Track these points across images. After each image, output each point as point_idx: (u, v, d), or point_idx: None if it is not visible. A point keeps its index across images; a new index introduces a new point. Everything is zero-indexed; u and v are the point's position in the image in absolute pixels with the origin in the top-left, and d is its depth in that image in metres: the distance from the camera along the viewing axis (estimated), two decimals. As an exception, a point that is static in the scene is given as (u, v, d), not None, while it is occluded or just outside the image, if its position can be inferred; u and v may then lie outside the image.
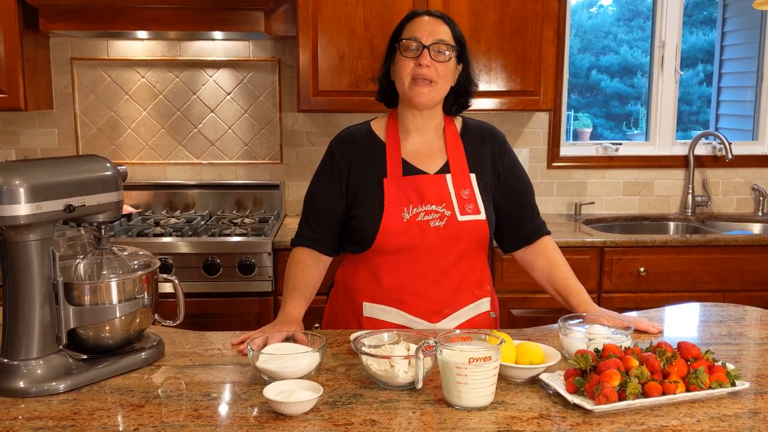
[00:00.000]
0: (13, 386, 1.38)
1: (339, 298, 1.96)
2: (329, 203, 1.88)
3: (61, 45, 3.38)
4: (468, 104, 1.93)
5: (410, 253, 1.81)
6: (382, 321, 1.84)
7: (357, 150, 1.88)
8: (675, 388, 1.33)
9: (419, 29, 1.80)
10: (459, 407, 1.33)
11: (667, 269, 3.02)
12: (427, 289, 1.82)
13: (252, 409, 1.33)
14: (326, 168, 1.91)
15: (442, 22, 1.83)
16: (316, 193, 1.92)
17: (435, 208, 1.81)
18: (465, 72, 1.89)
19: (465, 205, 1.83)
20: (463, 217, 1.81)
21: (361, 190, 1.84)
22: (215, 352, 1.63)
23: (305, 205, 1.94)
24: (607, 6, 7.73)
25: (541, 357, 1.46)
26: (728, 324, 1.84)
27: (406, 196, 1.81)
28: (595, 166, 3.63)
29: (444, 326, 1.83)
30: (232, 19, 3.01)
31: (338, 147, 1.91)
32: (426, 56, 1.77)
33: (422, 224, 1.80)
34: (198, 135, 3.47)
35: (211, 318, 2.85)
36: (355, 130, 1.94)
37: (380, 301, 1.84)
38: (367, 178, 1.85)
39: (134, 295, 1.51)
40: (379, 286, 1.84)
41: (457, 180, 1.85)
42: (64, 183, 1.42)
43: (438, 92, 1.82)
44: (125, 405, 1.35)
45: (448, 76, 1.83)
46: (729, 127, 3.99)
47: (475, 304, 1.88)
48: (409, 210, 1.81)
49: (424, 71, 1.77)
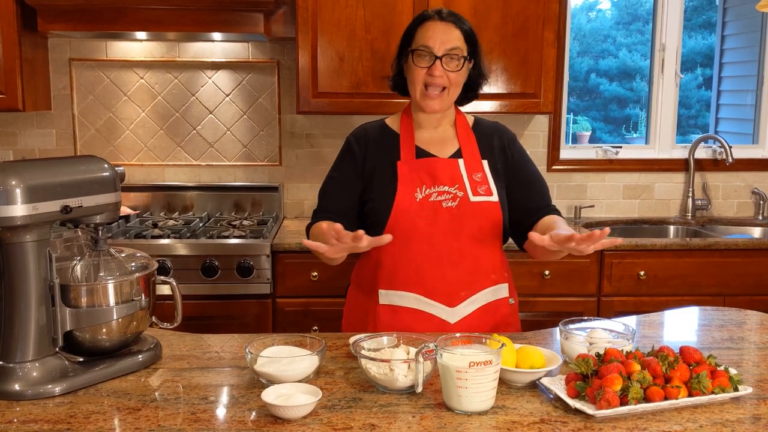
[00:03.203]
0: (8, 389, 1.37)
1: (356, 293, 1.98)
2: (344, 192, 1.92)
3: (60, 46, 3.37)
4: (477, 95, 1.99)
5: (424, 235, 1.83)
6: (399, 307, 1.84)
7: (372, 141, 1.94)
8: (677, 393, 1.32)
9: (431, 37, 1.84)
10: (459, 411, 1.31)
11: (668, 273, 3.01)
12: (444, 272, 1.83)
13: (250, 413, 1.32)
14: (343, 159, 1.96)
15: (453, 27, 1.86)
16: (331, 183, 1.96)
17: (447, 189, 1.84)
18: (476, 66, 1.93)
19: (477, 186, 1.86)
20: (475, 198, 1.84)
21: (375, 175, 1.90)
22: (213, 354, 1.62)
23: (320, 197, 1.97)
24: (606, 10, 7.74)
25: (541, 361, 1.46)
26: (729, 328, 1.83)
27: (418, 177, 1.86)
28: (595, 169, 3.62)
29: (462, 310, 1.83)
30: (232, 21, 3.00)
31: (354, 138, 1.97)
32: (438, 67, 1.83)
33: (435, 204, 1.83)
34: (197, 136, 3.46)
35: (209, 320, 2.84)
36: (370, 126, 2.00)
37: (397, 287, 1.85)
38: (381, 163, 1.90)
39: (131, 297, 1.49)
40: (395, 272, 1.85)
41: (470, 164, 1.89)
42: (61, 184, 1.41)
43: (449, 99, 1.89)
44: (122, 408, 1.34)
45: (460, 81, 1.88)
46: (728, 131, 3.99)
47: (492, 289, 1.88)
48: (422, 190, 1.84)
49: (437, 80, 1.83)
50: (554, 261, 2.90)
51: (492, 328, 1.85)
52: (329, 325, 2.86)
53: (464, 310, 1.84)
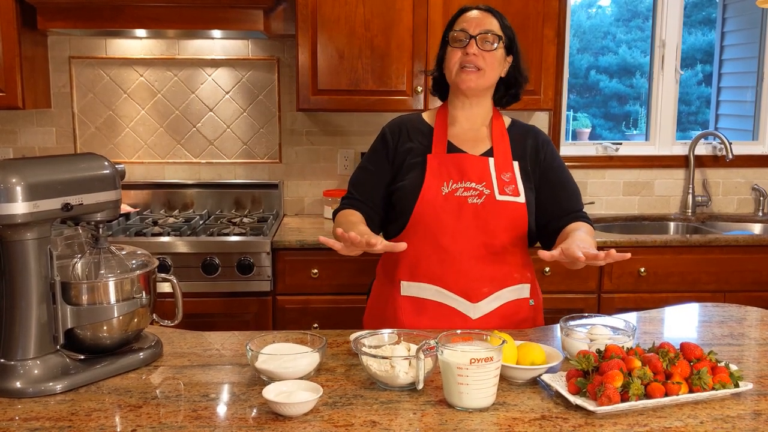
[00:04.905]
0: (9, 386, 1.37)
1: (379, 286, 2.00)
2: (375, 182, 1.95)
3: (60, 43, 3.37)
4: (519, 96, 2.00)
5: (447, 229, 1.83)
6: (421, 299, 1.86)
7: (406, 132, 1.96)
8: (678, 389, 1.33)
9: (467, 21, 1.88)
10: (460, 408, 1.32)
11: (668, 269, 3.01)
12: (466, 267, 1.84)
13: (251, 410, 1.32)
14: (376, 149, 1.99)
15: (490, 15, 1.90)
16: (362, 172, 1.98)
17: (474, 186, 1.85)
18: (515, 63, 1.95)
19: (505, 186, 1.86)
20: (501, 197, 1.84)
21: (405, 165, 1.91)
22: (214, 352, 1.62)
23: (350, 185, 1.99)
24: (606, 6, 7.73)
25: (542, 358, 1.46)
26: (730, 325, 1.83)
27: (447, 171, 1.87)
28: (595, 166, 3.62)
29: (483, 307, 1.84)
30: (231, 18, 3.00)
31: (389, 128, 2.00)
32: (473, 45, 1.85)
33: (460, 200, 1.84)
34: (197, 134, 3.46)
35: (210, 318, 2.84)
36: (406, 117, 2.02)
37: (419, 278, 1.86)
38: (413, 154, 1.92)
39: (132, 294, 1.49)
40: (418, 264, 1.86)
41: (500, 164, 1.89)
42: (61, 181, 1.41)
43: (485, 79, 1.88)
44: (123, 406, 1.34)
45: (495, 65, 1.89)
46: (728, 128, 3.99)
47: (514, 288, 1.89)
48: (449, 185, 1.86)
49: (471, 59, 1.85)
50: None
51: (514, 327, 1.85)
52: (329, 323, 2.86)
53: (486, 306, 1.85)
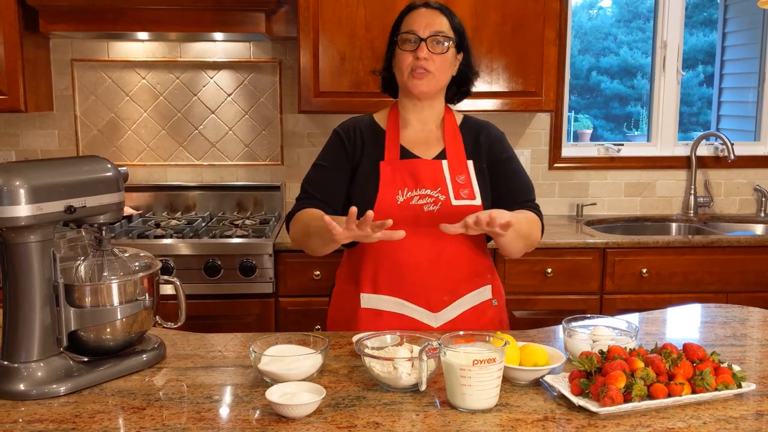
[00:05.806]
0: (13, 389, 1.37)
1: (340, 294, 1.96)
2: (334, 180, 1.89)
3: (62, 46, 3.37)
4: (470, 92, 1.97)
5: (405, 240, 1.76)
6: (382, 311, 1.83)
7: (359, 134, 1.92)
8: (681, 390, 1.33)
9: (416, 22, 1.83)
10: (463, 409, 1.32)
11: (670, 270, 3.01)
12: (425, 277, 1.81)
13: (254, 412, 1.32)
14: (332, 148, 1.93)
15: (439, 14, 1.85)
16: (319, 170, 1.92)
17: (429, 192, 1.82)
18: (465, 60, 1.91)
19: (460, 190, 1.84)
20: (457, 202, 1.82)
21: (358, 172, 1.88)
22: (217, 354, 1.62)
23: (306, 184, 1.93)
24: (607, 7, 7.73)
25: (545, 359, 1.46)
26: (732, 325, 1.83)
27: (401, 179, 1.83)
28: (596, 166, 3.62)
29: (446, 315, 1.83)
30: (233, 20, 3.00)
31: (343, 131, 1.95)
32: (423, 49, 1.81)
33: (416, 208, 1.81)
34: (199, 136, 3.47)
35: (213, 320, 2.84)
36: (358, 119, 1.98)
37: (378, 291, 1.83)
38: (366, 160, 1.88)
39: (135, 296, 1.50)
40: (376, 276, 1.83)
41: (453, 166, 1.86)
42: (64, 184, 1.41)
43: (436, 82, 1.85)
44: (126, 408, 1.34)
45: (446, 68, 1.86)
46: (730, 128, 3.98)
47: (476, 292, 1.87)
48: (404, 193, 1.82)
49: (422, 63, 1.81)
50: (556, 259, 2.91)
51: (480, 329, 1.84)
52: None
53: (448, 314, 1.83)
